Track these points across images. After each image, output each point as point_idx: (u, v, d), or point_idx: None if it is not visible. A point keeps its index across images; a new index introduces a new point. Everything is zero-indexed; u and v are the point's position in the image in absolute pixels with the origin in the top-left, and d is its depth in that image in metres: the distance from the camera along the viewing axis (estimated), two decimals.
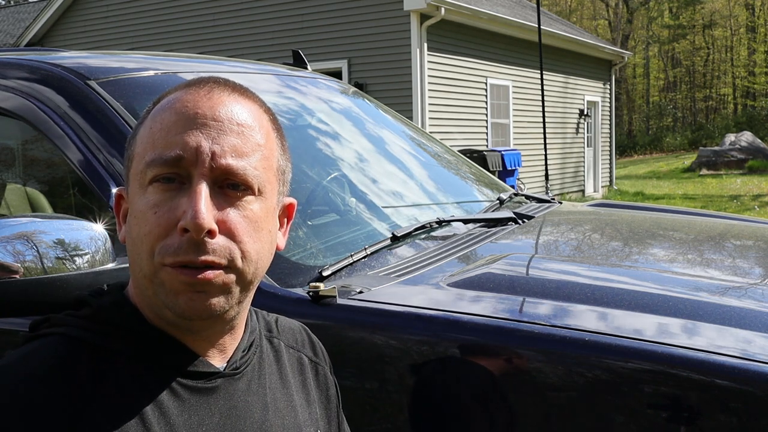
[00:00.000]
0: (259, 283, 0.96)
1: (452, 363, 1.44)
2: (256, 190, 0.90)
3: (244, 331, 1.00)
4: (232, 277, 0.88)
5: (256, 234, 0.90)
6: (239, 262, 0.88)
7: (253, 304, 1.55)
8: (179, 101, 0.90)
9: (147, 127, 0.91)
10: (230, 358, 0.96)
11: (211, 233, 0.85)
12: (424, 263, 1.78)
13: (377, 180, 2.39)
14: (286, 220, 1.03)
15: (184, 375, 0.91)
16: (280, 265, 1.69)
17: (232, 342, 0.97)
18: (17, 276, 1.40)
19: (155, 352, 0.90)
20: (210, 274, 0.86)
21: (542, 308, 1.51)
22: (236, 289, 0.90)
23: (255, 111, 0.94)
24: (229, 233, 0.87)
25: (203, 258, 0.85)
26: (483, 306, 1.54)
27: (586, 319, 1.44)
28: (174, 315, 0.88)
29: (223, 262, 0.87)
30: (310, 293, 1.54)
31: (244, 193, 0.89)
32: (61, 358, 0.86)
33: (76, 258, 1.49)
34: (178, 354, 0.92)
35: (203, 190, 0.86)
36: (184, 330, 0.91)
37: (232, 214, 0.88)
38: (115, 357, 0.88)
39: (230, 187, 0.88)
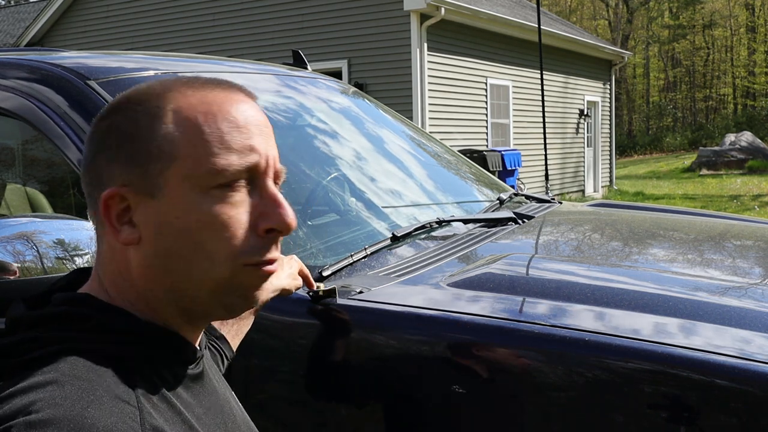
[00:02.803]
0: None
1: (452, 363, 1.44)
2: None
3: None
4: None
5: None
6: None
7: None
8: (226, 104, 0.90)
9: (188, 129, 0.89)
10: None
11: None
12: (424, 263, 1.78)
13: (377, 180, 2.39)
14: None
15: (186, 364, 0.92)
16: None
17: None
18: (12, 277, 1.40)
19: (158, 350, 0.89)
20: (275, 266, 0.92)
21: (542, 308, 1.51)
22: None
23: None
24: None
25: (277, 254, 0.92)
26: (483, 306, 1.54)
27: (586, 319, 1.44)
28: (227, 312, 0.92)
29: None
30: (310, 293, 1.54)
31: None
32: (113, 378, 0.81)
33: (76, 258, 1.49)
34: (178, 346, 0.92)
35: (278, 192, 0.91)
36: (184, 326, 0.92)
37: None
38: (133, 363, 0.85)
39: None
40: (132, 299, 0.90)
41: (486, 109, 14.49)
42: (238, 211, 0.88)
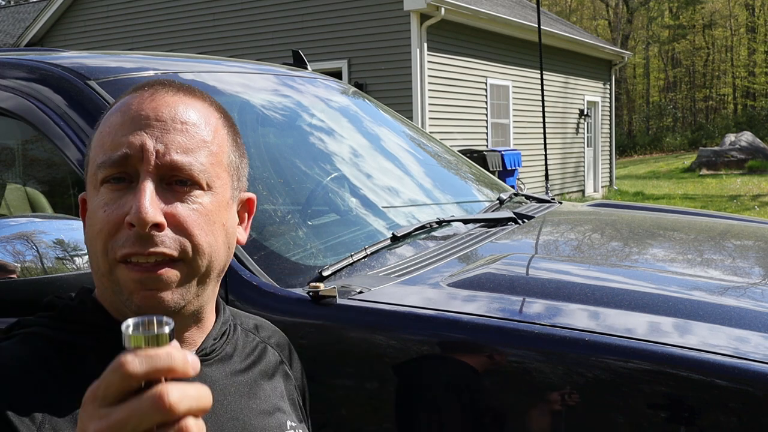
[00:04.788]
0: (220, 277, 0.97)
1: (452, 363, 1.44)
2: (204, 185, 0.92)
3: (215, 321, 1.01)
4: (184, 270, 0.90)
5: (208, 227, 0.91)
6: (191, 254, 0.90)
7: (254, 304, 1.56)
8: (125, 105, 0.94)
9: (98, 132, 0.95)
10: (199, 346, 0.98)
11: (158, 226, 0.87)
12: (424, 263, 1.78)
13: (378, 180, 2.39)
14: (246, 215, 1.04)
15: None
16: (280, 265, 1.69)
17: (199, 334, 0.98)
18: (14, 276, 1.40)
19: (121, 346, 0.91)
20: (161, 270, 0.88)
21: (542, 308, 1.51)
22: (191, 283, 0.91)
23: (202, 109, 0.96)
24: (179, 226, 0.89)
25: (151, 249, 0.87)
26: (483, 306, 1.54)
27: (586, 319, 1.44)
28: (133, 313, 0.89)
29: (174, 253, 0.88)
30: (310, 293, 1.54)
31: (191, 188, 0.91)
32: (34, 350, 0.88)
33: (76, 258, 1.49)
34: None
35: (148, 185, 0.88)
36: None
37: (180, 208, 0.90)
38: (85, 352, 0.90)
39: (178, 183, 0.91)
40: (101, 296, 0.95)
41: (486, 109, 14.49)
42: (114, 206, 0.89)
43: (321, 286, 1.54)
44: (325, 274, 1.65)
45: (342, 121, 2.62)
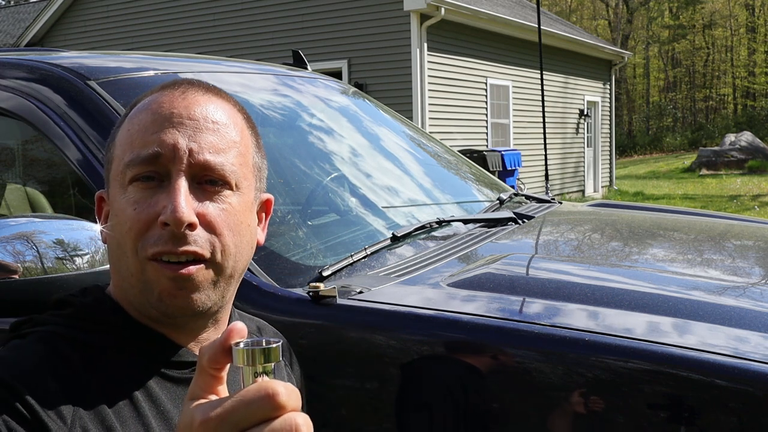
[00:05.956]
0: (241, 277, 0.97)
1: (452, 363, 1.44)
2: (234, 186, 0.92)
3: (229, 323, 1.01)
4: (212, 270, 0.90)
5: (236, 227, 0.92)
6: (219, 255, 0.90)
7: (254, 304, 1.56)
8: (155, 102, 0.93)
9: (125, 129, 0.93)
10: None
11: (191, 226, 0.87)
12: (424, 263, 1.78)
13: (378, 180, 2.39)
14: (264, 215, 1.05)
15: (168, 366, 0.92)
16: (280, 265, 1.69)
17: (215, 335, 0.97)
18: (17, 276, 1.40)
19: (139, 346, 0.92)
20: (192, 268, 0.88)
21: (542, 308, 1.51)
22: (219, 283, 0.91)
23: (229, 110, 0.96)
24: (209, 226, 0.89)
25: (184, 248, 0.87)
26: (483, 306, 1.54)
27: (586, 319, 1.44)
28: (159, 313, 0.90)
29: (206, 253, 0.89)
30: (310, 293, 1.54)
31: (221, 188, 0.91)
32: (53, 349, 0.87)
33: (76, 258, 1.49)
34: (162, 347, 0.93)
35: (182, 185, 0.88)
36: (168, 326, 0.93)
37: (211, 208, 0.90)
38: (101, 351, 0.90)
39: (208, 182, 0.91)
40: (119, 295, 0.94)
41: (486, 109, 14.49)
42: (145, 204, 0.88)
43: (321, 286, 1.54)
44: (325, 274, 1.65)
45: (342, 121, 2.62)
